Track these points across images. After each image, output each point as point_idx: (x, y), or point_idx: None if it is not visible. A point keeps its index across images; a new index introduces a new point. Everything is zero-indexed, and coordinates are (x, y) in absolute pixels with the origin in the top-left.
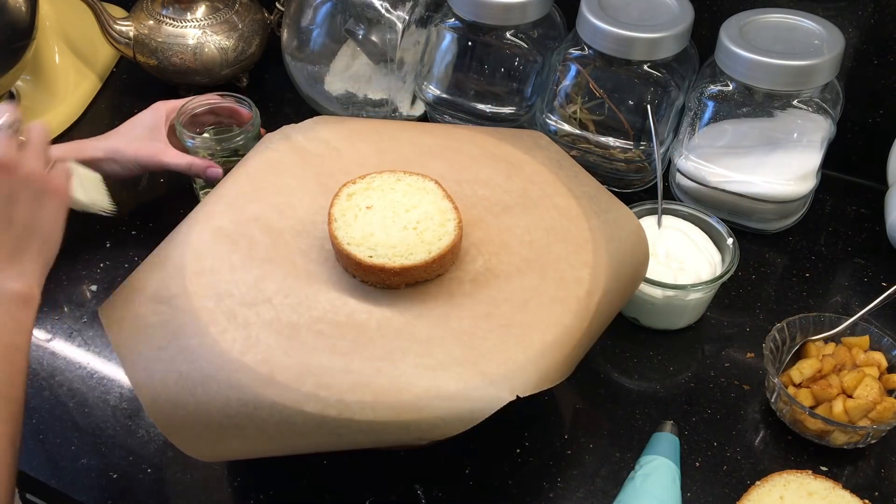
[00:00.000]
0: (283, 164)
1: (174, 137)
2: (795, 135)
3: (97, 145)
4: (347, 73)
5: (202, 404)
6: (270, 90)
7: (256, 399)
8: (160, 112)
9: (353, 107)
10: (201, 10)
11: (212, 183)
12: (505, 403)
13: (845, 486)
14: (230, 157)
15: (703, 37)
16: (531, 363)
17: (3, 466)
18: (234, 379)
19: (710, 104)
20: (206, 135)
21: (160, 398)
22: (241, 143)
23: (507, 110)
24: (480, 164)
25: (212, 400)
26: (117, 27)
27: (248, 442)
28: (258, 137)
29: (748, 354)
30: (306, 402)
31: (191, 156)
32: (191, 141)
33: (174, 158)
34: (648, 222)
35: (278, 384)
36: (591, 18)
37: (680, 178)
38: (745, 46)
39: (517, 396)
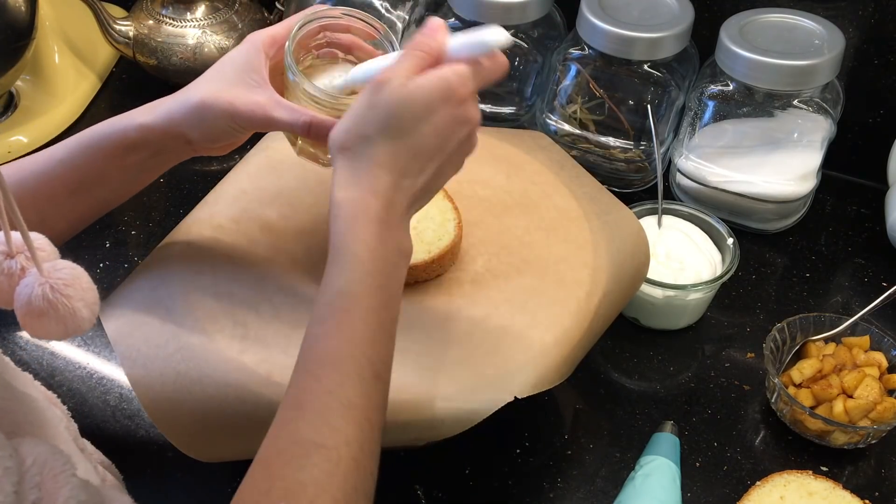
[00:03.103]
0: (284, 164)
1: (280, 81)
2: (796, 135)
3: (171, 105)
4: None
5: (200, 403)
6: None
7: (255, 398)
8: (256, 44)
9: None
10: (201, 10)
11: (321, 149)
12: (504, 404)
13: (845, 487)
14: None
15: (704, 37)
16: (530, 364)
17: (372, 457)
18: (233, 378)
19: (711, 104)
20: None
21: (159, 397)
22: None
23: (507, 110)
24: (481, 165)
25: (210, 399)
26: (117, 27)
27: (247, 442)
28: None
29: (748, 354)
30: None
31: (310, 109)
32: (294, 76)
33: (285, 114)
34: (648, 222)
35: (277, 384)
36: (591, 18)
37: (680, 178)
38: (745, 46)
39: (515, 397)
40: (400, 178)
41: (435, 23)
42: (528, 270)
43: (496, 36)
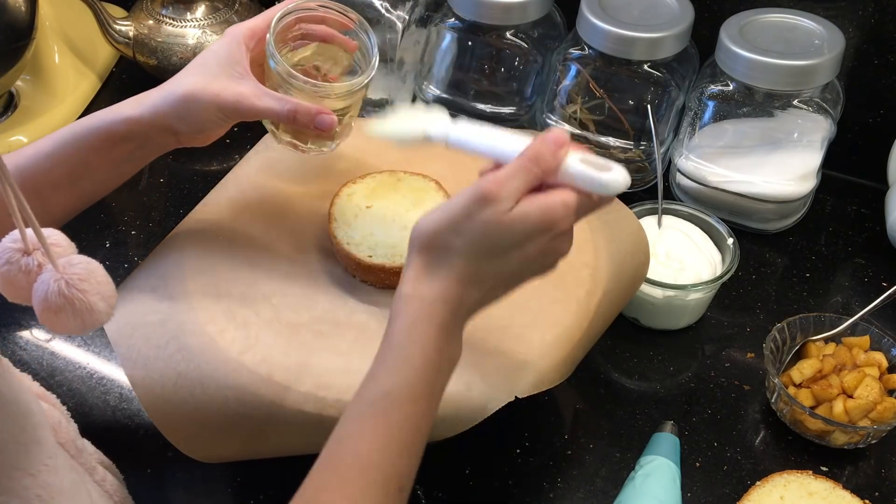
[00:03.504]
0: (283, 163)
1: (259, 72)
2: (796, 135)
3: (157, 98)
4: None
5: (201, 404)
6: None
7: (255, 399)
8: (237, 38)
9: None
10: (201, 10)
11: (301, 138)
12: (504, 404)
13: (845, 487)
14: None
15: (704, 37)
16: (530, 364)
17: None
18: (233, 379)
19: (711, 104)
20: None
21: (159, 398)
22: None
23: (507, 110)
24: (480, 164)
25: (210, 400)
26: (117, 27)
27: (247, 442)
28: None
29: (748, 354)
30: (305, 403)
31: (293, 97)
32: (275, 63)
33: (270, 102)
34: (649, 222)
35: (277, 384)
36: (591, 18)
37: (680, 178)
38: (745, 46)
39: (516, 397)
40: (472, 292)
41: (558, 136)
42: None
43: (618, 180)
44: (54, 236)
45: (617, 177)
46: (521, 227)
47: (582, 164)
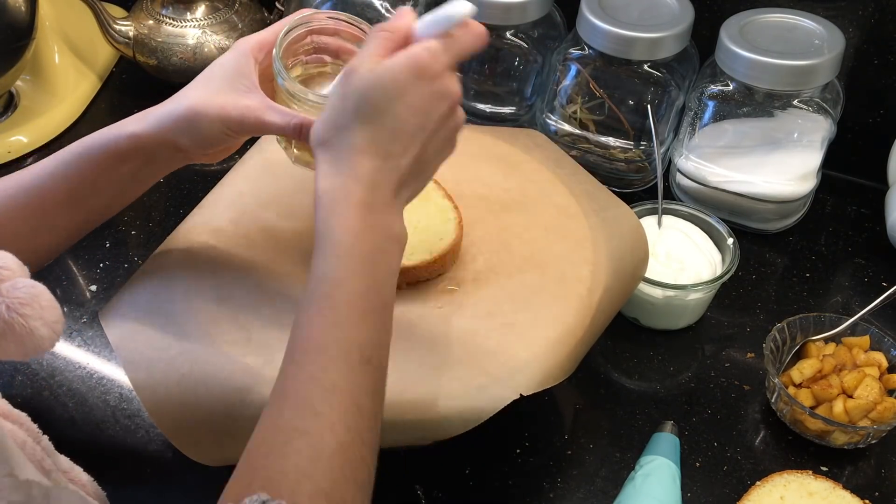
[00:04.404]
0: (281, 165)
1: (270, 88)
2: (796, 135)
3: (161, 113)
4: None
5: (205, 406)
6: None
7: (260, 401)
8: (244, 51)
9: None
10: (201, 10)
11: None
12: (509, 402)
13: (846, 487)
14: None
15: (704, 37)
16: (534, 361)
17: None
18: (237, 381)
19: (711, 104)
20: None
21: (162, 401)
22: None
23: (507, 110)
24: (479, 164)
25: (214, 402)
26: (117, 27)
27: None
28: None
29: (748, 354)
30: None
31: (301, 112)
32: (283, 80)
33: (276, 117)
34: (648, 222)
35: None
36: (591, 18)
37: (680, 178)
38: (745, 46)
39: (521, 395)
40: (382, 161)
41: (402, 8)
42: (529, 268)
43: (459, 8)
44: (4, 259)
45: (457, 3)
46: (390, 77)
47: (427, 15)
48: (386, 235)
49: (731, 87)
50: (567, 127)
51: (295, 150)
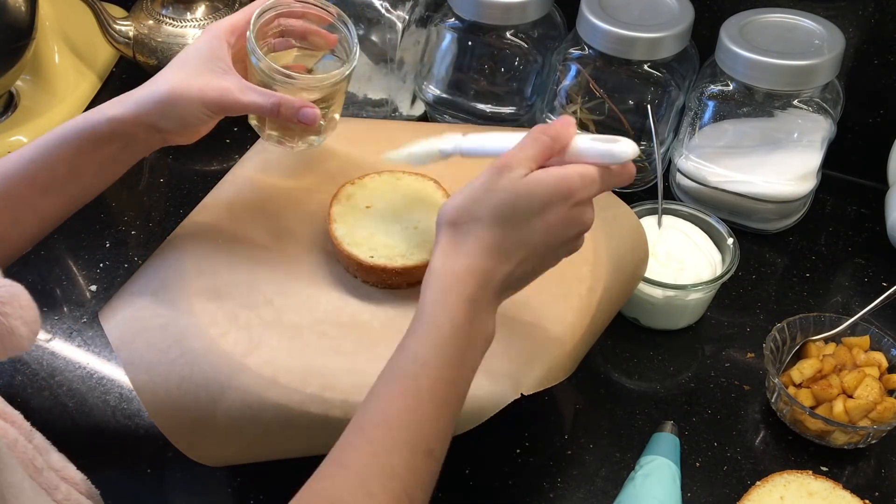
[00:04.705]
0: (281, 165)
1: (242, 69)
2: (796, 135)
3: (141, 96)
4: None
5: (206, 407)
6: None
7: (260, 401)
8: (218, 34)
9: (353, 107)
10: (201, 10)
11: (288, 133)
12: (511, 401)
13: (846, 487)
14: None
15: (704, 37)
16: (535, 361)
17: None
18: (238, 381)
19: (711, 104)
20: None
21: (164, 402)
22: (339, 78)
23: (507, 110)
24: (478, 163)
25: (215, 403)
26: (117, 27)
27: (252, 445)
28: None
29: (748, 354)
30: (311, 404)
31: (278, 91)
32: (256, 60)
33: (255, 96)
34: (649, 222)
35: (282, 386)
36: (591, 18)
37: (680, 178)
38: (745, 46)
39: (522, 394)
40: (499, 264)
41: (566, 117)
42: None
43: (626, 149)
44: None
45: (625, 147)
46: (538, 192)
47: (590, 140)
48: (482, 334)
49: (731, 87)
50: None
51: (267, 128)
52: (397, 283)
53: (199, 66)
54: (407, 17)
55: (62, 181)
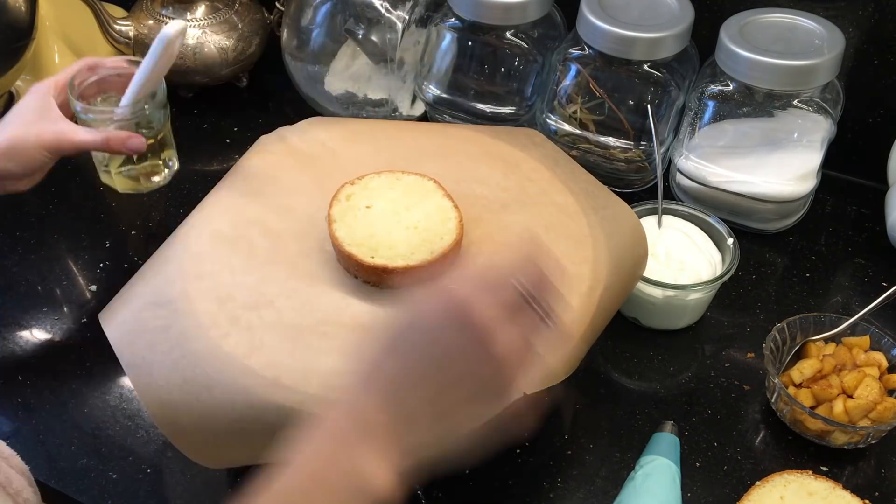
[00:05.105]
0: (280, 165)
1: (68, 116)
2: (796, 135)
3: None
4: (347, 72)
5: (208, 409)
6: (270, 90)
7: (263, 402)
8: (42, 92)
9: (353, 107)
10: (201, 10)
11: (124, 161)
12: (512, 401)
13: (846, 487)
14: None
15: (704, 37)
16: (537, 360)
17: None
18: (240, 383)
19: (711, 104)
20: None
21: (165, 404)
22: (148, 112)
23: (507, 110)
24: (477, 163)
25: (218, 404)
26: (117, 27)
27: (254, 446)
28: (165, 106)
29: (748, 354)
30: (313, 405)
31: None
32: (88, 115)
33: (87, 135)
34: (649, 222)
35: (284, 387)
36: (591, 18)
37: (680, 178)
38: (745, 46)
39: (523, 393)
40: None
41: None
42: None
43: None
44: None
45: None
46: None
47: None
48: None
49: (731, 87)
50: (567, 127)
51: (116, 180)
52: (398, 284)
53: (33, 116)
54: (407, 17)
55: None
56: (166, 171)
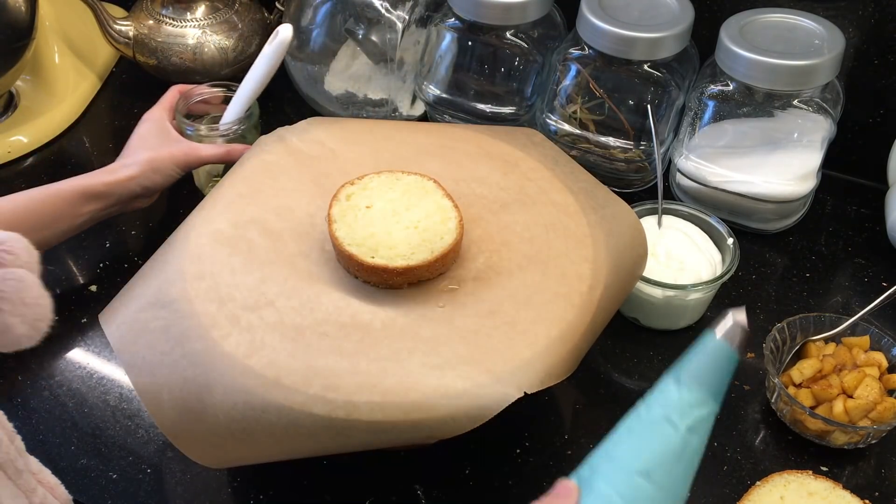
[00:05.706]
0: (279, 166)
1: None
2: (796, 135)
3: (126, 164)
4: (347, 73)
5: (209, 409)
6: (270, 90)
7: (263, 402)
8: (158, 118)
9: (353, 107)
10: (201, 10)
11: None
12: (513, 400)
13: (845, 487)
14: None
15: (704, 37)
16: (537, 359)
17: None
18: (240, 383)
19: (711, 104)
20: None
21: (166, 404)
22: (243, 129)
23: (507, 110)
24: (477, 163)
25: (218, 404)
26: (117, 27)
27: (255, 446)
28: (257, 127)
29: (748, 354)
30: (314, 405)
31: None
32: (191, 129)
33: (210, 150)
34: (649, 222)
35: (285, 387)
36: (591, 18)
37: (680, 178)
38: (745, 46)
39: (525, 393)
40: None
41: (568, 486)
42: (530, 266)
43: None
44: (11, 242)
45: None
46: None
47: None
48: None
49: (731, 87)
50: (567, 127)
51: (209, 187)
52: (398, 283)
53: (157, 141)
54: (407, 17)
55: (41, 226)
56: None
